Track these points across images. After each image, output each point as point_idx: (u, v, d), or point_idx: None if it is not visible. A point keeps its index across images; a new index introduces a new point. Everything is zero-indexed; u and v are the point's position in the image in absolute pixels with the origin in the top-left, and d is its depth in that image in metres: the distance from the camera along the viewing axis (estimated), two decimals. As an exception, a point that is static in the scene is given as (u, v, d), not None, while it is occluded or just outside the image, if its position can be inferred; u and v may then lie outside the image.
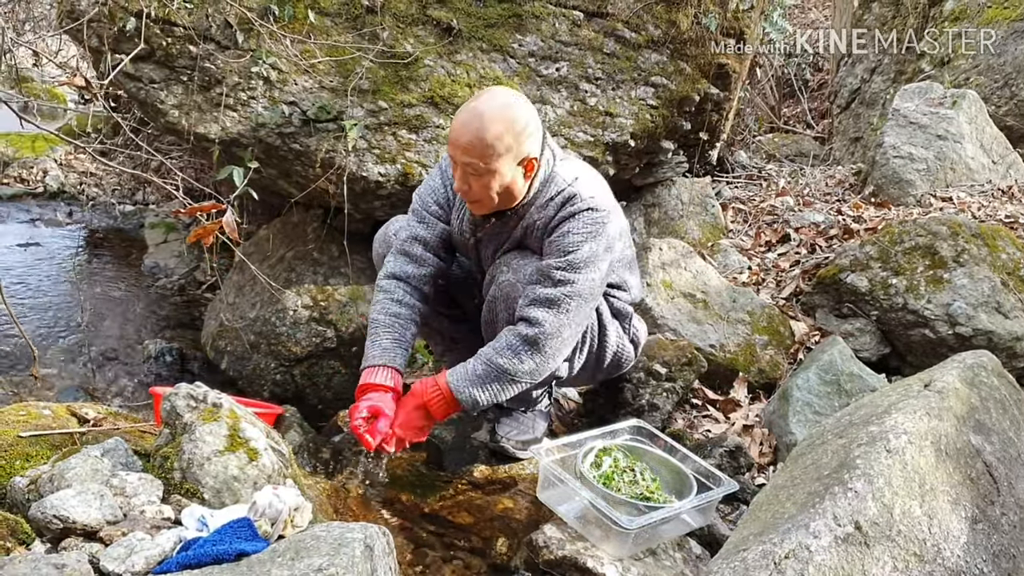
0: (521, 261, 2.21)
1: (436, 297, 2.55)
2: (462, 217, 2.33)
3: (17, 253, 4.88)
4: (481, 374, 2.09)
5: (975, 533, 1.49)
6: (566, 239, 2.09)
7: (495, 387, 2.10)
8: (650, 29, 3.66)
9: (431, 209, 2.36)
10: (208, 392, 2.01)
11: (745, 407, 2.86)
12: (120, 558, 1.50)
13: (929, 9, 5.83)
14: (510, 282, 2.19)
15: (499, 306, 2.23)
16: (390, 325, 2.26)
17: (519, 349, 2.08)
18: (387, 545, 1.52)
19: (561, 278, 2.07)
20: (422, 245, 2.34)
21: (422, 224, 2.35)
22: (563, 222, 2.11)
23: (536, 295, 2.09)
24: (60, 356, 3.73)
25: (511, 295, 2.18)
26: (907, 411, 1.61)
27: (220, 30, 3.34)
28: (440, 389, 2.12)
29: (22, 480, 1.81)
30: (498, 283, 2.23)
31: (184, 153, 5.06)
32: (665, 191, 4.15)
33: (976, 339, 2.88)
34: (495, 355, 2.09)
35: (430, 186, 2.39)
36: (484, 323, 2.35)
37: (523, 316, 2.10)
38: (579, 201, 2.11)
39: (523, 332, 2.08)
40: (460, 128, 2.06)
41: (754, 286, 3.53)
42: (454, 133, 2.08)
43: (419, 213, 2.37)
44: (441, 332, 2.64)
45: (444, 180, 2.36)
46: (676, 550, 2.02)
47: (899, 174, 4.21)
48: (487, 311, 2.31)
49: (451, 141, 2.09)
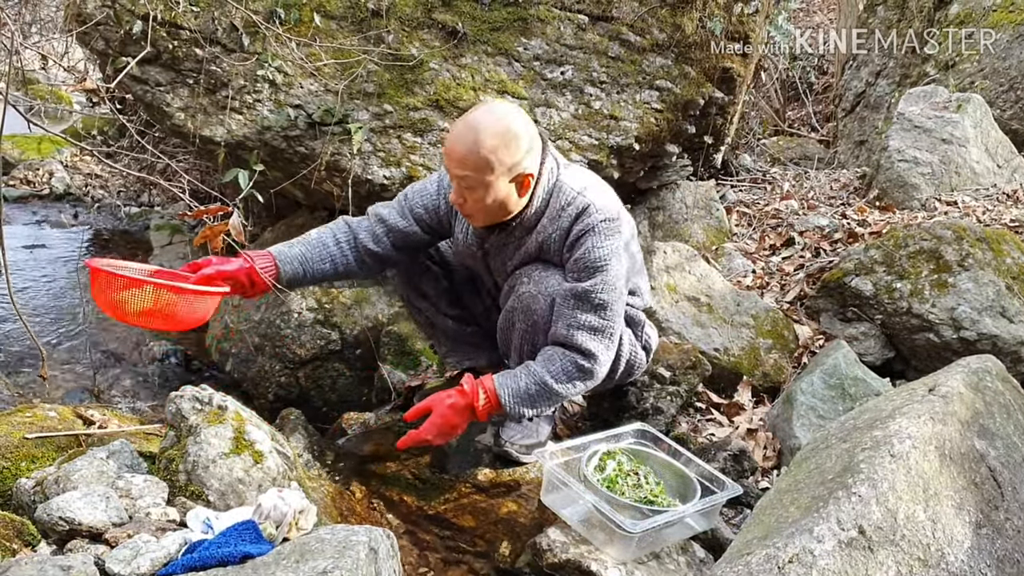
0: (542, 273, 2.22)
1: (441, 298, 2.58)
2: (467, 229, 2.34)
3: (23, 255, 4.89)
4: (534, 394, 2.17)
5: (979, 538, 1.49)
6: (592, 255, 2.12)
7: (542, 406, 2.20)
8: (655, 33, 3.67)
9: (415, 210, 2.37)
10: (213, 394, 2.02)
11: (749, 411, 2.86)
12: (126, 560, 1.50)
13: (934, 13, 5.82)
14: (531, 294, 2.21)
15: (517, 316, 2.26)
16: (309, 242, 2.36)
17: (575, 377, 2.17)
18: (391, 548, 1.53)
19: (600, 301, 2.14)
20: (387, 230, 2.37)
21: (400, 217, 2.37)
22: (583, 236, 2.13)
23: (582, 322, 2.15)
24: (66, 358, 3.74)
25: (531, 307, 2.21)
26: (911, 416, 1.61)
27: (226, 33, 3.35)
28: (490, 400, 2.17)
29: (28, 482, 1.82)
30: (518, 294, 2.24)
31: (189, 156, 5.07)
32: (669, 194, 4.15)
33: (981, 343, 2.88)
34: (551, 380, 2.16)
35: (423, 187, 2.40)
36: (500, 329, 2.39)
37: (577, 346, 2.16)
38: (594, 212, 2.12)
39: (581, 363, 2.16)
40: (455, 141, 2.07)
41: (758, 290, 3.53)
42: (449, 145, 2.09)
43: (401, 208, 2.38)
44: (446, 333, 2.65)
45: (439, 189, 2.37)
46: (680, 554, 2.02)
47: (904, 178, 4.20)
48: (504, 320, 2.34)
49: (446, 153, 2.10)
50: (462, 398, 2.18)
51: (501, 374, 2.21)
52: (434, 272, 2.57)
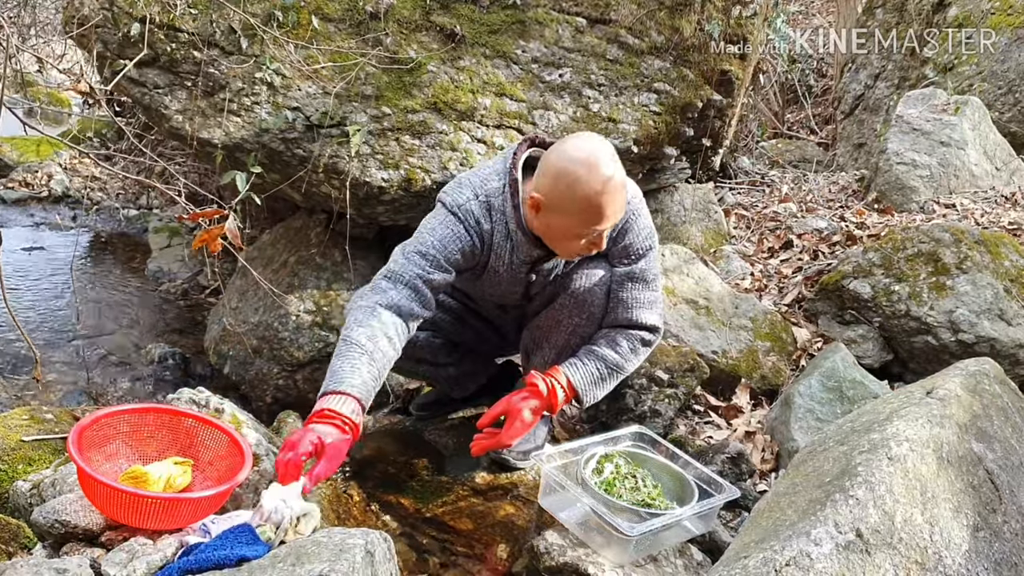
0: (589, 269, 2.23)
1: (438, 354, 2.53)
2: (506, 258, 2.20)
3: (21, 256, 4.89)
4: (605, 375, 2.20)
5: (977, 541, 1.49)
6: (640, 236, 2.18)
7: (611, 385, 2.25)
8: (653, 36, 3.67)
9: (454, 258, 2.14)
10: (211, 397, 2.02)
11: (747, 413, 2.86)
12: (122, 563, 1.50)
13: (933, 15, 5.83)
14: (586, 287, 2.21)
15: (565, 313, 2.25)
16: (375, 360, 2.01)
17: (640, 352, 2.24)
18: (388, 551, 1.52)
19: (653, 275, 2.22)
20: (431, 289, 2.15)
21: (439, 271, 2.13)
22: (628, 223, 2.16)
23: (642, 300, 2.21)
24: (63, 360, 3.74)
25: (587, 300, 2.22)
26: (909, 418, 1.61)
27: (224, 36, 3.35)
28: (566, 392, 2.17)
29: (25, 484, 1.82)
30: (569, 292, 2.23)
31: (188, 158, 5.07)
32: (668, 197, 4.15)
33: (979, 346, 2.88)
34: (621, 359, 2.20)
35: (452, 233, 2.14)
36: (536, 332, 2.35)
37: (643, 324, 2.21)
38: (632, 198, 2.14)
39: (646, 338, 2.23)
40: (608, 199, 1.95)
41: (756, 292, 3.53)
42: (602, 206, 1.96)
43: (436, 260, 2.12)
44: (447, 377, 2.61)
45: (468, 229, 2.15)
46: (677, 557, 2.02)
47: (902, 180, 4.21)
48: (547, 319, 2.30)
49: (603, 215, 1.98)
50: (539, 399, 2.14)
51: (568, 364, 2.20)
52: (424, 336, 2.46)
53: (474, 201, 2.15)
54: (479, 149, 3.35)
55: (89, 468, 1.61)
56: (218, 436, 1.88)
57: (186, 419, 1.90)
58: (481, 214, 2.15)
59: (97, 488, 1.62)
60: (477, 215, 2.15)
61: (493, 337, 2.58)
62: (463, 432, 2.59)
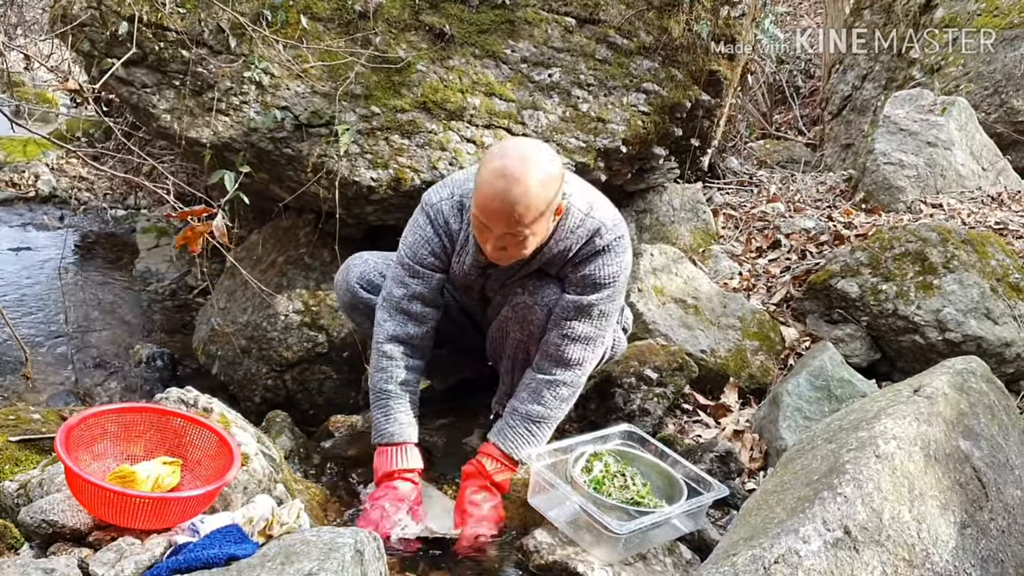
0: (538, 283, 2.19)
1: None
2: (465, 260, 2.22)
3: (8, 257, 4.86)
4: (535, 431, 2.19)
5: (964, 538, 1.50)
6: (602, 272, 2.12)
7: (543, 435, 2.21)
8: (642, 36, 3.67)
9: (426, 262, 2.21)
10: (199, 396, 2.01)
11: (736, 412, 2.87)
12: (110, 563, 1.49)
13: (920, 16, 5.86)
14: (526, 304, 2.19)
15: (511, 326, 2.25)
16: (401, 396, 2.22)
17: (566, 399, 2.22)
18: (377, 550, 1.52)
19: (600, 312, 2.16)
20: (420, 302, 2.23)
21: (417, 279, 2.22)
22: (595, 255, 2.11)
23: (577, 333, 2.16)
24: (50, 360, 3.72)
25: (527, 317, 2.20)
26: (897, 416, 1.62)
27: (213, 35, 3.34)
28: (503, 464, 2.17)
29: (12, 484, 1.80)
30: (512, 304, 2.22)
31: (176, 157, 5.05)
32: (657, 197, 4.15)
33: (966, 345, 2.90)
34: (546, 411, 2.20)
35: (421, 237, 2.21)
36: (492, 338, 2.38)
37: (566, 360, 2.18)
38: (606, 232, 2.10)
39: (566, 381, 2.19)
40: (499, 199, 1.89)
41: (745, 292, 3.54)
42: (491, 204, 1.91)
43: (411, 268, 2.21)
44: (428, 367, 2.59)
45: (436, 229, 2.20)
46: (666, 555, 2.03)
47: (889, 180, 4.23)
48: (497, 329, 2.32)
49: (487, 213, 1.93)
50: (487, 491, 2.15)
51: (496, 432, 2.21)
52: None
53: (447, 201, 2.19)
54: (468, 149, 3.34)
55: (77, 468, 1.60)
56: (207, 435, 1.87)
57: (174, 418, 1.89)
58: (451, 214, 2.18)
59: (85, 488, 1.61)
60: (447, 215, 2.18)
61: (471, 330, 2.57)
62: (452, 432, 2.59)
